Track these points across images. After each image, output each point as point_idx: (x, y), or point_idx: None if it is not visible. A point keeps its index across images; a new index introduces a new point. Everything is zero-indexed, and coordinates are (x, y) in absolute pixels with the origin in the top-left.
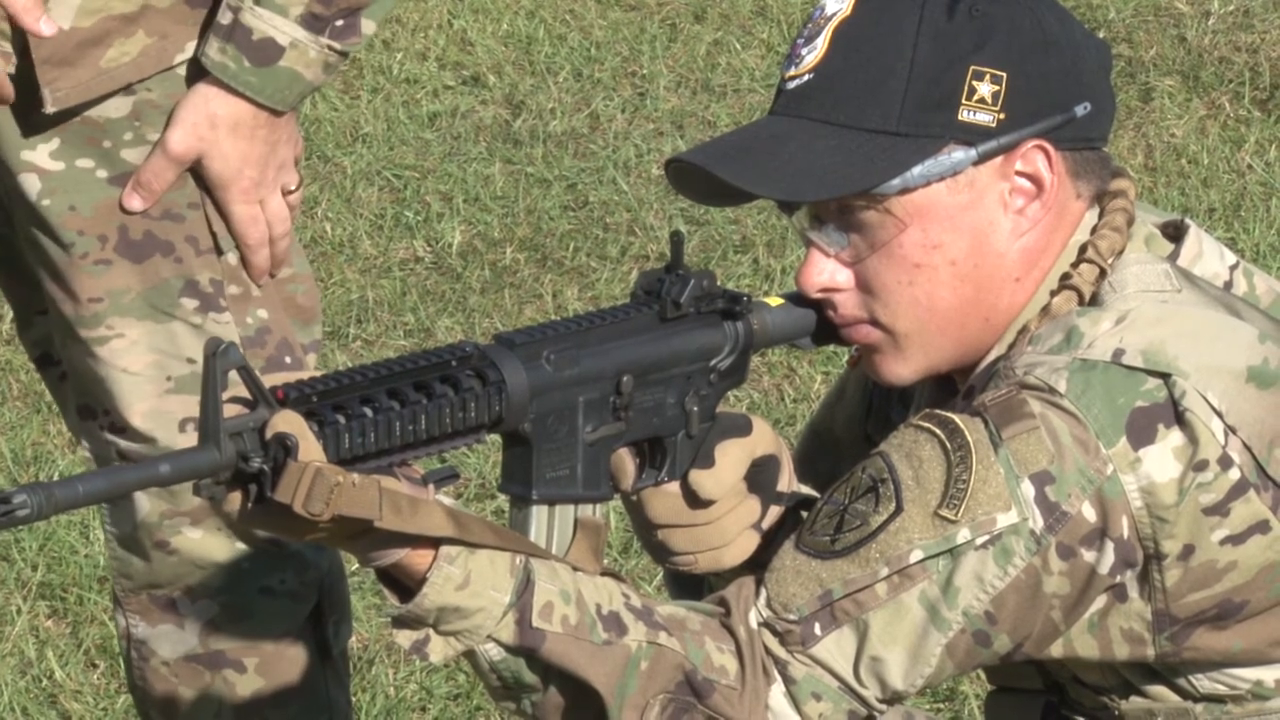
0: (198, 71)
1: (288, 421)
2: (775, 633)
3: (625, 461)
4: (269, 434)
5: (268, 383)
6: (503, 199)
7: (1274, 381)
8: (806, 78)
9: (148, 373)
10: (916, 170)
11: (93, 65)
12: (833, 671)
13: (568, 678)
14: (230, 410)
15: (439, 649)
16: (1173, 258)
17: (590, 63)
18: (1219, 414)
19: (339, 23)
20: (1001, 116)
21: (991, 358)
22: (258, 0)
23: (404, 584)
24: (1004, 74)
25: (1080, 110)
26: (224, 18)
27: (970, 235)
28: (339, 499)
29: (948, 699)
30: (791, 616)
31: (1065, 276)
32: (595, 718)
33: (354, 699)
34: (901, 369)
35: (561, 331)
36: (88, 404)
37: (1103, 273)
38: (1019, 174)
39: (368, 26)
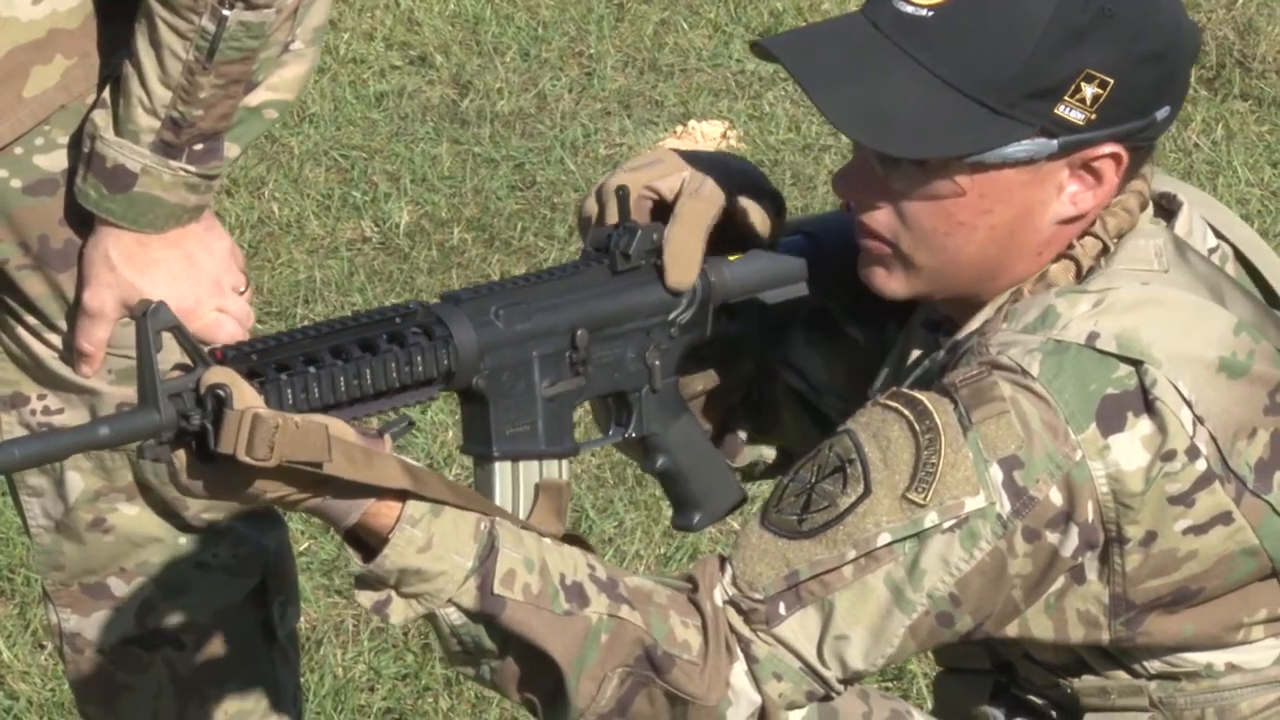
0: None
1: (219, 374)
2: (740, 611)
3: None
4: (202, 389)
5: (209, 347)
6: (450, 179)
7: (1244, 372)
8: (926, 12)
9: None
10: (998, 152)
11: (14, 98)
12: (795, 651)
13: (527, 646)
14: (176, 374)
15: (400, 610)
16: (1168, 229)
17: (537, 42)
18: (1189, 404)
19: (197, 147)
20: (1092, 117)
21: (979, 320)
22: (117, 125)
23: (368, 544)
24: (1111, 81)
25: (1161, 114)
26: (84, 145)
27: (1019, 209)
28: (282, 441)
29: (895, 678)
30: (757, 595)
31: (1068, 246)
32: (553, 686)
33: (302, 679)
34: (899, 287)
35: (509, 288)
36: (19, 391)
37: (1105, 249)
38: (1085, 167)
39: (231, 150)
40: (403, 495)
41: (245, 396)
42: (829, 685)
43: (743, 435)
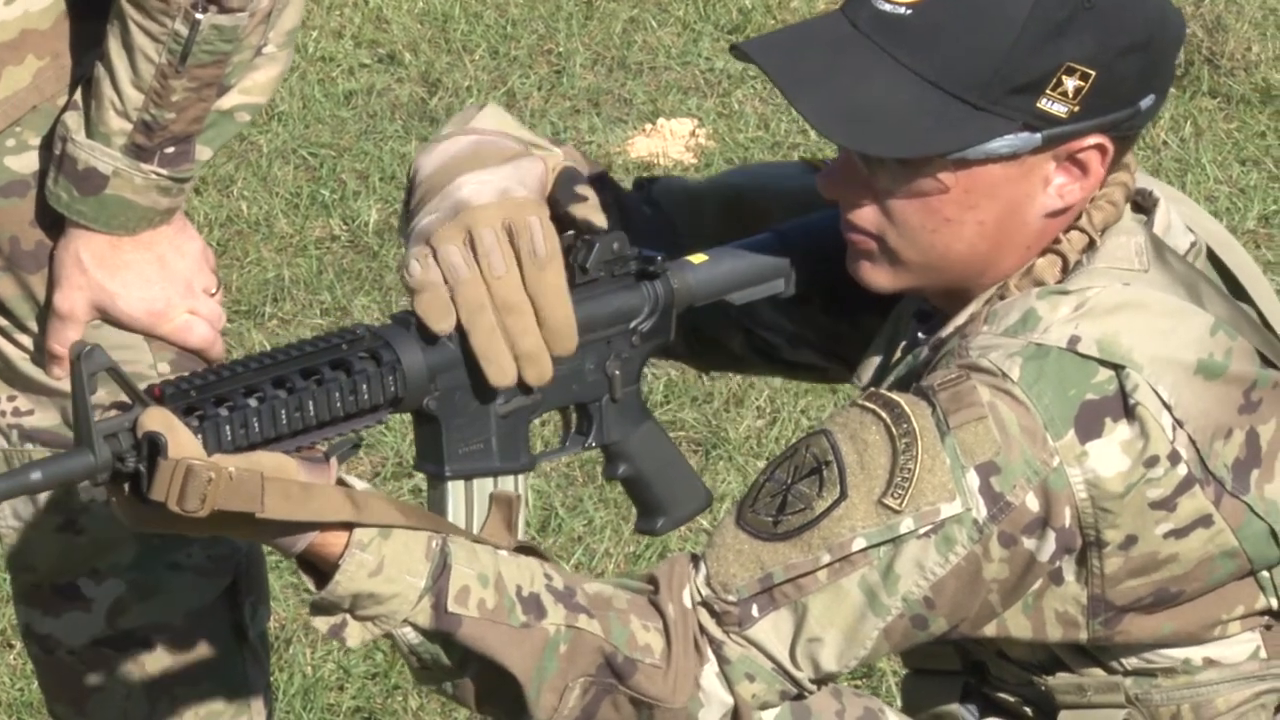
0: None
1: (155, 419)
2: (713, 613)
3: None
4: (139, 430)
5: (146, 384)
6: None
7: (1221, 372)
8: (904, 10)
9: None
10: (981, 148)
11: None
12: (768, 653)
13: (485, 661)
14: (114, 413)
15: (356, 633)
16: (1146, 227)
17: (506, 40)
18: (1169, 408)
19: (169, 150)
20: (1075, 109)
21: (965, 315)
22: (88, 128)
23: (320, 569)
24: (1093, 73)
25: (1145, 104)
26: (56, 148)
27: (1006, 203)
28: (215, 494)
29: (865, 675)
30: (730, 598)
31: (1055, 240)
32: (514, 699)
33: (272, 679)
34: (886, 281)
35: None
36: None
37: (1091, 243)
38: (1070, 159)
39: (202, 153)
40: (347, 525)
41: (181, 444)
42: (801, 686)
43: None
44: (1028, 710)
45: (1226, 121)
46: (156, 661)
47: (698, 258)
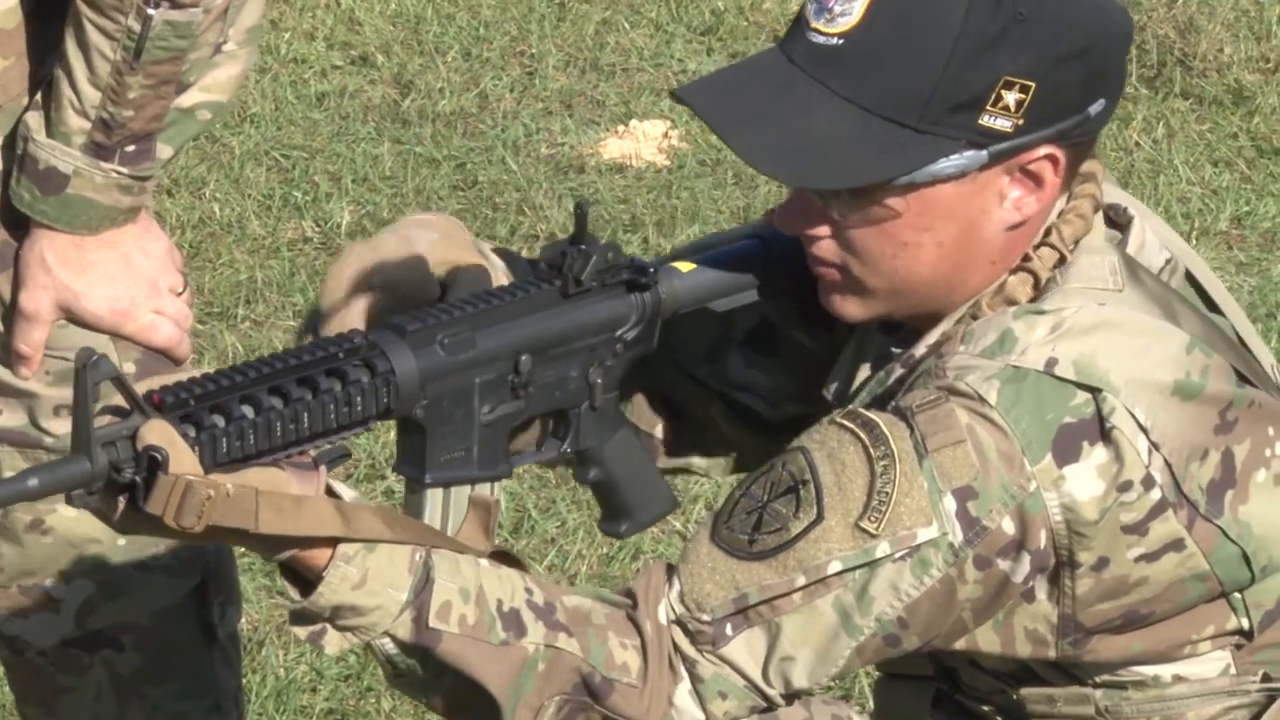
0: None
1: (157, 432)
2: (687, 631)
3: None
4: (139, 446)
5: (156, 385)
6: (391, 179)
7: (1197, 393)
8: (836, 41)
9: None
10: (927, 170)
11: None
12: (741, 671)
13: (464, 675)
14: (108, 419)
15: (335, 642)
16: (1120, 246)
17: (479, 42)
18: (1144, 430)
19: (129, 148)
20: (1020, 122)
21: (937, 333)
22: (49, 127)
23: (304, 576)
24: (1033, 84)
25: (1094, 109)
26: (18, 147)
27: (962, 222)
28: (212, 511)
29: (838, 678)
30: (705, 617)
31: (1025, 258)
32: (489, 713)
33: (244, 680)
34: (856, 311)
35: (456, 315)
36: None
37: (1062, 259)
38: (1023, 172)
39: (163, 151)
40: (334, 540)
41: (181, 460)
42: (772, 701)
43: (658, 434)
44: (999, 719)
45: (1199, 123)
46: (126, 662)
47: (685, 266)
